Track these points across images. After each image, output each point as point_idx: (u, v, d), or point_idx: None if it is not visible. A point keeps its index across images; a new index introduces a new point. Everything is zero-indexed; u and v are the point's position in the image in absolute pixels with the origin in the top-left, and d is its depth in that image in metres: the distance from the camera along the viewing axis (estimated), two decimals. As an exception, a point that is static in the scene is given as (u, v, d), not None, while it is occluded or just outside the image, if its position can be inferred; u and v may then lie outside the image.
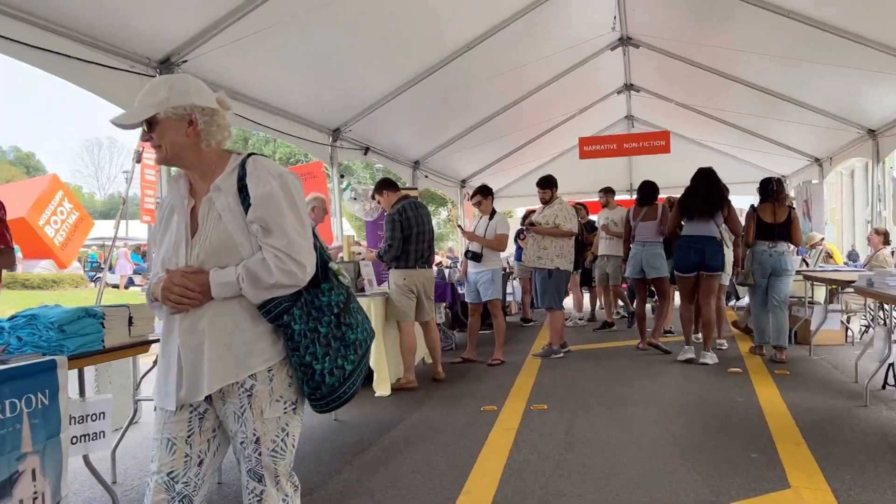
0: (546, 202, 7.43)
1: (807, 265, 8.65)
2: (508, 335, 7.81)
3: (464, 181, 13.23)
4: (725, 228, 6.92)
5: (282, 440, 1.95)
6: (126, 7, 4.48)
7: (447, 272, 9.06)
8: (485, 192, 7.27)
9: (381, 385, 5.81)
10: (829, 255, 9.26)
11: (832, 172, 11.64)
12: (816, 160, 11.62)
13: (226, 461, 2.12)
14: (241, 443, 1.94)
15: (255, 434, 1.92)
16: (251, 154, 1.98)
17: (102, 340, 2.85)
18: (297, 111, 7.19)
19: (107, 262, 13.19)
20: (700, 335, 7.29)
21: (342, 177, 8.58)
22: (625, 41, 9.28)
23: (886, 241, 8.32)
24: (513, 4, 7.18)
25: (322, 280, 1.97)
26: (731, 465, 3.71)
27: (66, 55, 4.29)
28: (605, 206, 9.71)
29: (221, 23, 5.00)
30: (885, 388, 5.35)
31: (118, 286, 23.71)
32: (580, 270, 10.00)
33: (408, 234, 6.02)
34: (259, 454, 1.93)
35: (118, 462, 3.98)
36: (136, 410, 4.36)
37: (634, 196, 9.21)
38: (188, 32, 5.00)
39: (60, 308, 2.75)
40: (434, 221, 8.35)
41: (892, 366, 5.26)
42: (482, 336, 7.77)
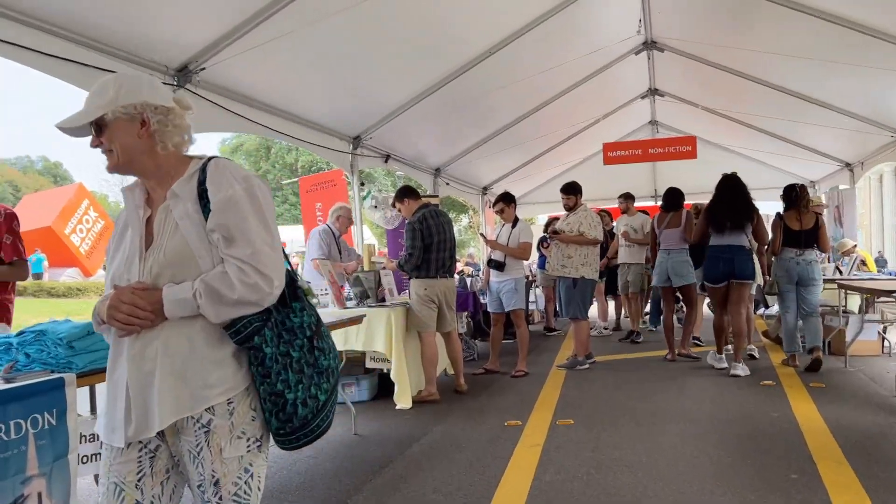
0: (570, 209, 7.28)
1: (840, 273, 8.40)
2: (532, 345, 7.65)
3: (485, 188, 13.10)
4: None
5: (245, 482, 1.71)
6: (145, 16, 4.43)
7: (469, 281, 8.93)
8: (507, 200, 7.15)
9: (403, 397, 5.67)
10: (863, 263, 8.99)
11: (862, 177, 11.34)
12: (847, 165, 11.30)
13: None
14: (199, 486, 1.70)
15: (215, 476, 1.68)
16: (213, 157, 1.78)
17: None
18: (318, 119, 7.12)
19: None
20: (731, 346, 7.10)
21: (363, 184, 8.50)
22: (649, 45, 9.09)
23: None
24: (534, 10, 7.04)
25: (292, 299, 1.76)
26: (770, 487, 3.52)
27: (86, 64, 4.25)
28: (625, 213, 9.55)
29: (239, 30, 4.94)
30: (929, 403, 5.14)
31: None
32: (605, 279, 9.82)
33: (428, 243, 5.91)
34: (220, 498, 1.69)
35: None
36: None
37: (659, 203, 9.02)
38: (206, 40, 4.94)
39: (70, 323, 2.66)
40: (455, 228, 8.22)
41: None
42: (505, 346, 7.62)
